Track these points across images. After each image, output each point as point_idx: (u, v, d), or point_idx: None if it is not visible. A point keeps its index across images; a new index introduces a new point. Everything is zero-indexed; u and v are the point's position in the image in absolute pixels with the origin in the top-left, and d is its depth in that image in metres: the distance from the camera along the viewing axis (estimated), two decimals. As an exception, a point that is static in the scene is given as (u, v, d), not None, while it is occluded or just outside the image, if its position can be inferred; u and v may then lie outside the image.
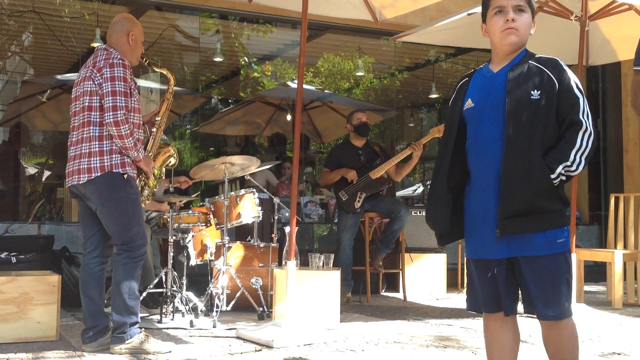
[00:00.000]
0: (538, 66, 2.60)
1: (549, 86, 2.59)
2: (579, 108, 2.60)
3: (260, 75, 11.57)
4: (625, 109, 9.05)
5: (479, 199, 2.65)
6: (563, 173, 2.57)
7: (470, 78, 2.80)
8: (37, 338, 4.32)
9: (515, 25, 2.62)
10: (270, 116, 10.68)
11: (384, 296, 6.96)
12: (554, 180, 2.56)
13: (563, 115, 2.60)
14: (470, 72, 2.86)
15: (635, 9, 5.61)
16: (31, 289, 4.37)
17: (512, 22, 2.62)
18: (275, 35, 9.80)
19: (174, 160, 4.79)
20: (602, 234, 8.66)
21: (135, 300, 4.07)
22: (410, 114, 13.63)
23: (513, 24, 2.62)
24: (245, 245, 5.78)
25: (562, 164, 2.57)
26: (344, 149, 6.62)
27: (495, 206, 2.56)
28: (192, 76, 10.64)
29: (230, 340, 4.47)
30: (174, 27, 9.13)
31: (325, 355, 4.09)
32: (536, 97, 2.59)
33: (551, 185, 2.55)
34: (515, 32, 2.62)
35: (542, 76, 2.59)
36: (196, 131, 11.26)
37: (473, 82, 2.77)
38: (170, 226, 5.17)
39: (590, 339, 4.71)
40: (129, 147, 3.98)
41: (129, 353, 3.99)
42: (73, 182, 4.05)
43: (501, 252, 2.60)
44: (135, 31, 4.25)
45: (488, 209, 2.60)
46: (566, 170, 2.57)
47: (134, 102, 4.07)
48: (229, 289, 5.30)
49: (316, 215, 8.01)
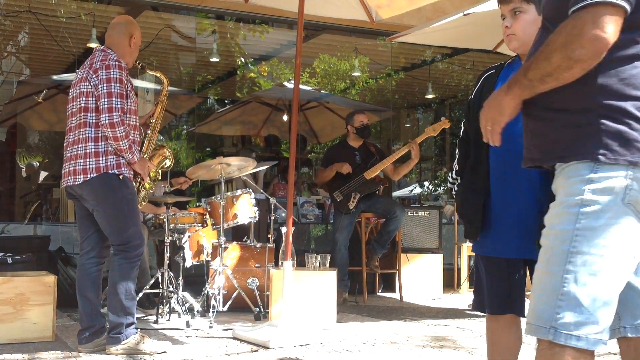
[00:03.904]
0: None
1: None
2: None
3: (256, 76, 11.57)
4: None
5: (515, 202, 2.60)
6: None
7: (498, 70, 2.75)
8: (33, 339, 4.31)
9: (512, 31, 2.58)
10: (266, 116, 10.68)
11: (381, 296, 6.97)
12: None
13: None
14: (496, 65, 2.81)
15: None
16: (27, 290, 4.36)
17: (507, 29, 2.59)
18: (272, 35, 9.80)
19: (169, 162, 4.79)
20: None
21: (131, 301, 4.07)
22: (407, 114, 13.65)
23: (509, 31, 2.58)
24: (242, 245, 5.77)
25: None
26: (340, 149, 6.63)
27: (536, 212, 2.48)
28: (188, 76, 10.65)
29: (226, 341, 4.47)
30: (170, 27, 9.12)
31: (322, 355, 4.09)
32: None
33: None
34: (513, 37, 2.58)
35: None
36: (192, 131, 11.27)
37: (503, 74, 2.71)
38: (167, 227, 5.17)
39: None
40: (124, 149, 3.98)
41: (125, 353, 3.98)
42: (69, 183, 4.04)
43: (524, 252, 2.57)
44: (137, 35, 4.25)
45: (527, 214, 2.55)
46: None
47: (130, 104, 4.06)
48: (225, 290, 5.30)
49: (312, 215, 8.03)
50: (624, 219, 1.78)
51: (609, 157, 1.77)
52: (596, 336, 1.79)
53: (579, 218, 1.79)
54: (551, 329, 1.80)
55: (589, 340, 1.78)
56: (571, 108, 1.85)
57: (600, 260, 1.78)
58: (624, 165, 1.77)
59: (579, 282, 1.78)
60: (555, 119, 1.88)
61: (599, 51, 1.73)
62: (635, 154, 1.76)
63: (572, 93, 1.83)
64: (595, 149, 1.79)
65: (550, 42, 1.79)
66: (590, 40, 1.71)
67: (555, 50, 1.76)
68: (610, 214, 1.77)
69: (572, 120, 1.84)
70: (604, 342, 1.81)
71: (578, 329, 1.78)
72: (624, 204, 1.77)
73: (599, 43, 1.71)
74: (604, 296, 1.79)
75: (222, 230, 5.22)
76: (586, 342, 1.78)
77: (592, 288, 1.78)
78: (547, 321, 1.81)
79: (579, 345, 1.78)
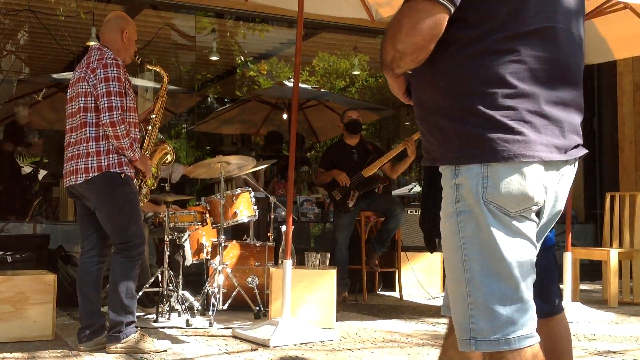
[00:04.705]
0: None
1: None
2: None
3: (256, 74, 11.58)
4: (621, 107, 9.07)
5: None
6: None
7: None
8: (33, 337, 4.31)
9: None
10: (266, 115, 10.69)
11: (380, 295, 6.97)
12: None
13: None
14: None
15: (630, 8, 5.61)
16: (27, 288, 4.36)
17: None
18: (271, 34, 9.81)
19: (170, 157, 4.79)
20: (598, 232, 8.68)
21: (132, 300, 4.07)
22: (406, 112, 13.63)
23: None
24: (242, 244, 5.77)
25: None
26: (338, 148, 6.63)
27: None
28: (187, 75, 10.65)
29: (226, 340, 4.47)
30: (169, 25, 9.12)
31: (322, 354, 4.09)
32: None
33: None
34: None
35: None
36: (192, 130, 11.27)
37: None
38: (167, 225, 5.17)
39: (586, 338, 4.72)
40: (125, 147, 3.98)
41: (124, 352, 3.98)
42: (71, 182, 4.05)
43: None
44: (129, 29, 4.25)
45: None
46: None
47: (129, 102, 4.07)
48: (225, 288, 5.29)
49: (312, 214, 8.02)
50: (490, 217, 1.75)
51: (464, 159, 1.76)
52: (517, 334, 1.75)
53: (459, 226, 1.79)
54: (471, 340, 1.78)
55: (510, 341, 1.74)
56: (431, 108, 1.84)
57: (492, 261, 1.75)
58: (479, 165, 1.74)
59: (481, 287, 1.76)
60: (425, 118, 1.87)
61: (417, 45, 1.71)
62: (488, 152, 1.73)
63: (429, 93, 1.83)
64: (452, 153, 1.79)
65: (385, 33, 1.79)
66: (408, 35, 1.70)
67: (386, 41, 1.76)
68: (480, 215, 1.76)
69: (435, 121, 1.83)
70: (531, 336, 1.76)
71: (496, 334, 1.75)
72: (484, 202, 1.75)
73: (416, 37, 1.70)
74: (510, 293, 1.76)
75: (222, 228, 5.22)
76: (506, 344, 1.74)
77: (496, 289, 1.75)
78: (466, 333, 1.79)
79: (497, 349, 1.74)
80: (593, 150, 9.38)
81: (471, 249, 1.77)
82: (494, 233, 1.75)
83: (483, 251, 1.76)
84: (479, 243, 1.76)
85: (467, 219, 1.77)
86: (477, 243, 1.76)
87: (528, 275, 1.79)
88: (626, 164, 8.98)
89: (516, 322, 1.75)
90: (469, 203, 1.77)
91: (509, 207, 1.75)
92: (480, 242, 1.76)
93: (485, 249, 1.76)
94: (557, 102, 1.79)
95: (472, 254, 1.77)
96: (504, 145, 1.71)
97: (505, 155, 1.71)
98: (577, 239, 8.59)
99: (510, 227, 1.76)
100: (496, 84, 1.73)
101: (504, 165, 1.72)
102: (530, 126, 1.73)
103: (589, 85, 9.49)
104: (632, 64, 8.74)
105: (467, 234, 1.78)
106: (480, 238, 1.76)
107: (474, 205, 1.76)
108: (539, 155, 1.73)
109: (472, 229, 1.77)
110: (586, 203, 9.41)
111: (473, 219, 1.76)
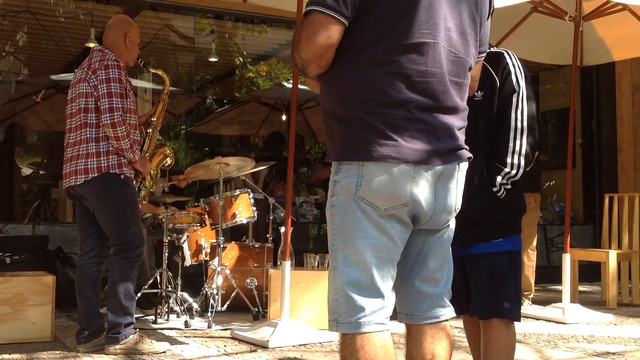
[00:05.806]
0: (484, 63, 2.43)
1: (489, 84, 2.53)
2: (512, 104, 2.53)
3: (255, 75, 11.57)
4: (620, 108, 9.06)
5: None
6: (505, 182, 2.52)
7: None
8: (31, 339, 4.31)
9: None
10: (265, 116, 10.68)
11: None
12: (497, 193, 2.52)
13: (499, 112, 2.54)
14: None
15: (629, 9, 5.62)
16: (26, 290, 4.36)
17: None
18: (270, 35, 9.79)
19: (170, 160, 4.79)
20: (597, 233, 8.68)
21: (130, 301, 4.07)
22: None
23: None
24: (240, 245, 5.77)
25: (500, 174, 2.52)
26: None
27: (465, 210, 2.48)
28: (186, 76, 10.63)
29: (225, 341, 4.47)
30: (168, 27, 9.11)
31: (321, 355, 4.09)
32: (479, 98, 2.53)
33: (494, 196, 2.52)
34: None
35: (486, 73, 2.49)
36: (191, 131, 11.26)
37: None
38: (165, 226, 5.17)
39: (585, 339, 4.72)
40: (125, 148, 3.99)
41: (123, 353, 3.98)
42: (70, 183, 4.05)
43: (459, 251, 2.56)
44: (132, 33, 4.26)
45: None
46: (508, 177, 2.52)
47: (129, 103, 4.08)
48: (224, 289, 5.29)
49: (311, 215, 8.02)
50: (359, 212, 1.94)
51: (343, 158, 1.96)
52: (366, 319, 1.94)
53: (332, 217, 2.00)
54: (334, 322, 1.99)
55: (360, 324, 1.93)
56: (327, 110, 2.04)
57: (353, 253, 1.95)
58: (355, 164, 1.93)
59: (342, 275, 1.97)
60: (324, 120, 2.07)
61: (315, 54, 1.93)
62: (362, 152, 1.91)
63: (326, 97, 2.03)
64: (335, 150, 1.99)
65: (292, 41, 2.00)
66: (307, 45, 1.92)
67: (293, 50, 1.99)
68: (350, 209, 1.95)
69: (330, 123, 2.02)
70: (380, 323, 1.96)
71: (350, 317, 1.94)
72: (357, 198, 1.93)
73: (313, 47, 1.91)
74: (365, 283, 1.95)
75: (220, 230, 5.22)
76: (356, 327, 1.94)
77: (353, 277, 1.95)
78: (332, 315, 2.00)
79: (350, 331, 1.94)
80: (592, 152, 9.39)
81: (337, 239, 1.99)
82: (358, 227, 1.95)
83: (346, 243, 1.97)
84: (343, 235, 1.97)
85: (337, 212, 1.98)
86: (342, 235, 1.97)
87: (384, 270, 1.98)
88: (625, 165, 8.98)
89: (367, 309, 1.95)
90: (341, 198, 1.97)
91: (378, 204, 1.94)
92: (344, 235, 1.97)
93: (347, 241, 1.96)
94: (432, 109, 1.96)
95: (337, 244, 1.99)
96: (376, 148, 1.90)
97: (376, 155, 1.90)
98: (576, 240, 8.59)
99: (377, 224, 1.95)
100: (375, 93, 1.92)
101: (376, 165, 1.91)
102: (403, 131, 1.92)
103: (588, 87, 9.50)
104: (631, 65, 8.74)
105: (336, 226, 1.99)
106: (345, 230, 1.97)
107: (345, 200, 1.96)
108: (405, 158, 1.91)
109: (339, 222, 1.98)
110: (585, 204, 9.41)
111: (342, 213, 1.97)
